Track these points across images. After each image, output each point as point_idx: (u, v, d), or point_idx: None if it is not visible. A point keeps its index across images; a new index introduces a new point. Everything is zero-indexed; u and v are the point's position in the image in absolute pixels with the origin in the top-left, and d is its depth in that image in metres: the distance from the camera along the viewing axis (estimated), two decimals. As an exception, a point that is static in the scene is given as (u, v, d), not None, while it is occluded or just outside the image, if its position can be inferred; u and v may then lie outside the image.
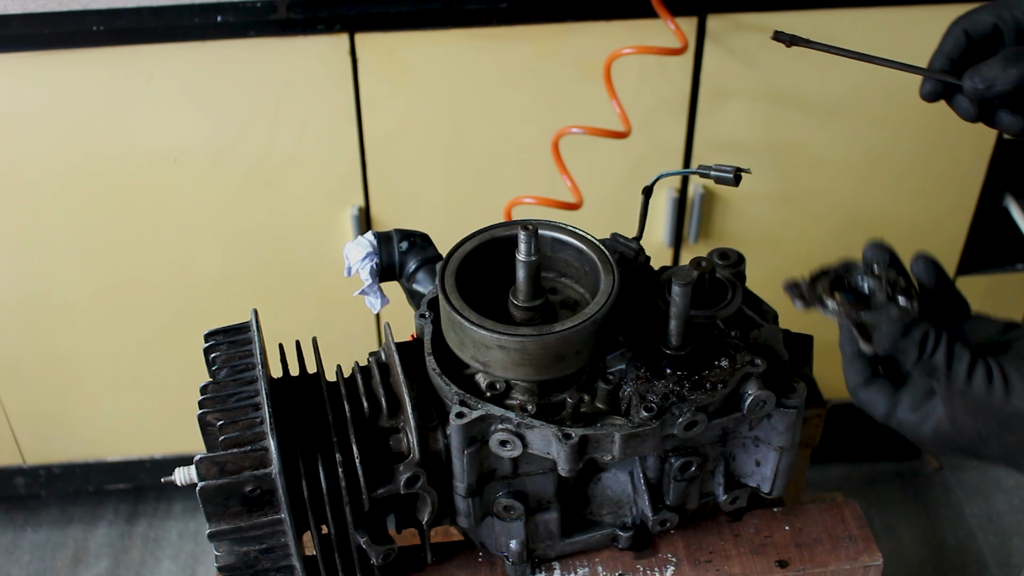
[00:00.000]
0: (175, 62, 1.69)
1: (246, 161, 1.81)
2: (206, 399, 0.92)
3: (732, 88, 1.81)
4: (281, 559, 0.91)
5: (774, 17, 1.72)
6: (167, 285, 1.96)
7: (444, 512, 0.98)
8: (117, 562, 2.28)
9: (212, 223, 1.88)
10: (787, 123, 1.86)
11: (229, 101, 1.74)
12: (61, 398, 2.12)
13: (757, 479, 1.03)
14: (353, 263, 1.09)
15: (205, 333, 1.00)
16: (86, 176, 1.80)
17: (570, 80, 1.76)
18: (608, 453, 0.91)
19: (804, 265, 1.21)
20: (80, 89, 1.71)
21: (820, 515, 1.07)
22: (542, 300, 0.92)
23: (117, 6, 1.62)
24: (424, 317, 0.98)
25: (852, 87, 1.82)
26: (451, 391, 0.91)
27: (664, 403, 0.91)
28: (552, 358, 0.88)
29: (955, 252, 2.08)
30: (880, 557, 1.04)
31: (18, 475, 2.25)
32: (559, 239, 0.97)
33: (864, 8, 1.74)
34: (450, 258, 0.94)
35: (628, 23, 1.70)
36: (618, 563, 1.03)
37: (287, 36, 1.67)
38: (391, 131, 1.80)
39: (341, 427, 0.92)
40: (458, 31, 1.70)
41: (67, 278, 1.94)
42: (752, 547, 1.04)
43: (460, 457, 0.92)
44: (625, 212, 1.89)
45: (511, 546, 0.99)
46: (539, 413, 0.90)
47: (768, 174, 1.90)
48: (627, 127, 1.65)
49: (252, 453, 0.87)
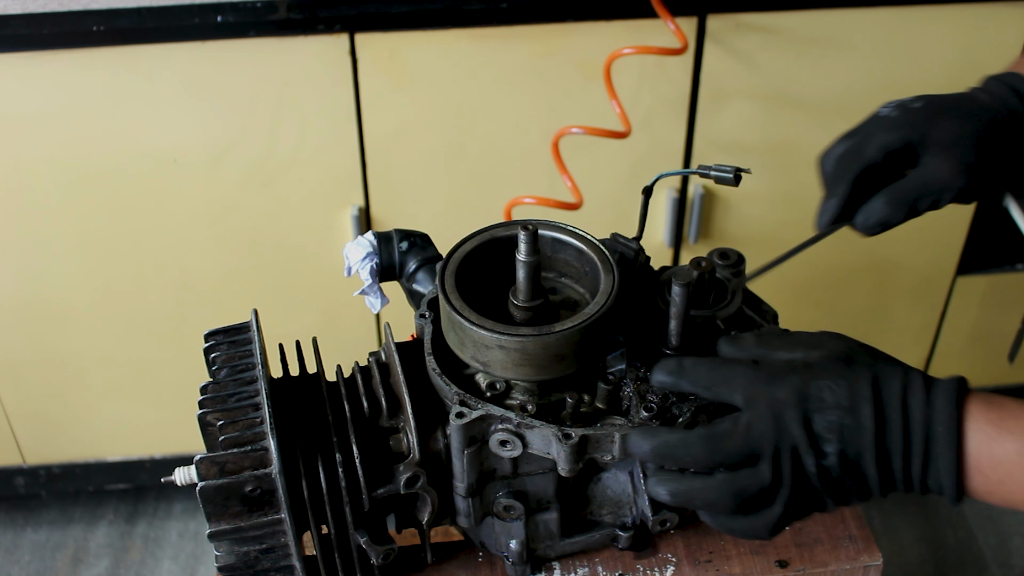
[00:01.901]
0: (175, 62, 1.69)
1: (246, 161, 1.81)
2: (206, 399, 0.92)
3: (732, 88, 1.81)
4: (281, 559, 0.91)
5: (774, 17, 1.73)
6: (167, 285, 1.96)
7: (444, 512, 0.98)
8: (117, 562, 2.28)
9: (212, 223, 1.88)
10: (787, 123, 1.86)
11: (229, 101, 1.74)
12: (61, 398, 2.12)
13: (757, 479, 1.03)
14: (353, 263, 1.09)
15: (205, 333, 1.00)
16: (86, 176, 1.80)
17: (570, 80, 1.76)
18: (608, 453, 0.91)
19: (804, 265, 1.21)
20: (80, 89, 1.71)
21: (820, 515, 1.07)
22: (542, 300, 0.92)
23: (117, 6, 1.62)
24: (424, 317, 0.98)
25: (852, 87, 1.82)
26: (451, 391, 0.91)
27: (664, 403, 0.91)
28: (552, 358, 0.88)
29: (955, 252, 2.08)
30: (880, 557, 1.04)
31: (18, 475, 2.25)
32: (559, 239, 0.96)
33: (864, 8, 1.74)
34: (450, 258, 0.94)
35: (628, 23, 1.70)
36: (618, 563, 1.03)
37: (287, 36, 1.67)
38: (391, 131, 1.80)
39: (341, 427, 0.92)
40: (458, 31, 1.70)
41: (67, 278, 1.94)
42: (752, 547, 1.04)
43: (460, 457, 0.92)
44: (625, 212, 1.89)
45: (511, 546, 0.99)
46: (539, 413, 0.90)
47: (768, 174, 1.90)
48: (627, 127, 1.65)
49: (252, 453, 0.87)
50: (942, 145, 0.90)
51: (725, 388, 0.80)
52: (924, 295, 2.17)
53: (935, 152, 0.90)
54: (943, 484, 0.76)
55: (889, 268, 2.10)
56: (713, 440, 0.78)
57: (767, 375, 0.79)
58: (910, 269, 2.10)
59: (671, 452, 0.80)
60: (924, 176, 0.90)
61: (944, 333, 2.25)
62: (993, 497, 0.76)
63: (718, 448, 0.78)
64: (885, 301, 2.17)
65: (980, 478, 0.75)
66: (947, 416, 0.75)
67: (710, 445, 0.78)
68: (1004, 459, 0.74)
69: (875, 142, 0.92)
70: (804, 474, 0.77)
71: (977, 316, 2.23)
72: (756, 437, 0.77)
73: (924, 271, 2.12)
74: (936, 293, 2.17)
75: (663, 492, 0.81)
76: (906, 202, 0.89)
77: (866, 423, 0.75)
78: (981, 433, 0.75)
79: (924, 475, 0.76)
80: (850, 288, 2.13)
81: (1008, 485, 0.74)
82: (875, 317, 2.20)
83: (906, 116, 0.92)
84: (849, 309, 2.18)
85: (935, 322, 2.23)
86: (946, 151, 0.89)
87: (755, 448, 0.77)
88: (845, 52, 1.78)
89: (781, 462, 0.76)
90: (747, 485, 0.77)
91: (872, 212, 0.90)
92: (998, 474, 0.74)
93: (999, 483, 0.75)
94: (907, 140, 0.91)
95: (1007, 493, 0.75)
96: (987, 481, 0.75)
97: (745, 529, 0.80)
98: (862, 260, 2.05)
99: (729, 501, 0.78)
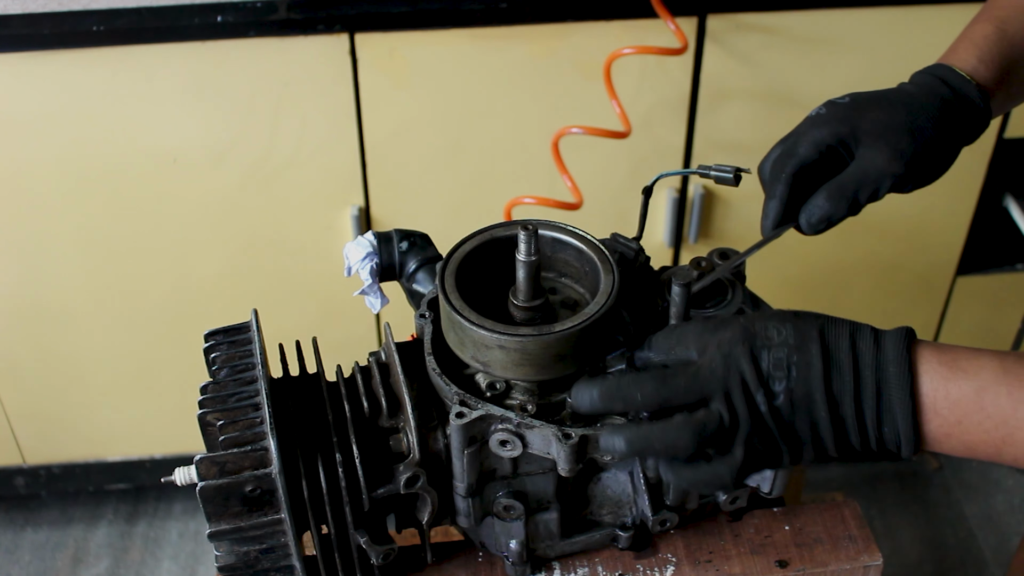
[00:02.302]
0: (175, 62, 1.69)
1: (246, 161, 1.81)
2: (206, 399, 0.92)
3: (732, 88, 1.81)
4: (281, 559, 0.91)
5: (774, 17, 1.73)
6: (167, 285, 1.96)
7: (444, 512, 0.98)
8: (117, 562, 2.29)
9: (212, 223, 1.88)
10: (787, 123, 1.84)
11: (229, 101, 1.74)
12: (61, 398, 2.12)
13: (757, 479, 1.03)
14: (353, 263, 1.09)
15: (205, 333, 1.00)
16: (86, 176, 1.80)
17: (570, 80, 1.76)
18: (608, 453, 0.91)
19: (803, 265, 1.21)
20: (80, 89, 1.71)
21: (820, 515, 1.07)
22: (542, 300, 0.92)
23: (117, 6, 1.62)
24: (424, 317, 0.98)
25: (852, 87, 1.81)
26: (451, 391, 0.91)
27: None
28: (552, 358, 0.88)
29: (955, 252, 2.08)
30: (880, 557, 1.04)
31: (18, 475, 2.25)
32: (559, 239, 0.96)
33: (864, 8, 1.74)
34: (450, 258, 0.94)
35: (628, 23, 1.71)
36: (618, 563, 1.03)
37: (287, 36, 1.67)
38: (391, 131, 1.80)
39: (341, 427, 0.92)
40: (458, 31, 1.70)
41: (67, 278, 1.94)
42: (752, 547, 1.04)
43: (460, 457, 0.92)
44: (625, 212, 1.89)
45: (511, 546, 0.99)
46: (539, 413, 0.90)
47: (768, 174, 1.90)
48: (627, 127, 1.65)
49: (252, 453, 0.87)
50: (874, 135, 0.91)
51: (681, 347, 0.81)
52: (924, 295, 2.17)
53: (868, 143, 0.92)
54: (899, 431, 0.75)
55: (889, 268, 2.10)
56: (663, 377, 0.78)
57: (716, 324, 0.80)
58: (910, 269, 2.10)
59: (621, 392, 0.79)
60: (860, 167, 0.91)
61: (944, 333, 2.25)
62: (951, 441, 0.75)
63: (668, 383, 0.78)
64: (885, 301, 2.17)
65: (938, 420, 0.74)
66: (898, 357, 0.74)
67: (660, 381, 0.78)
68: (961, 398, 0.74)
69: (806, 140, 0.94)
70: (759, 412, 0.76)
71: (977, 316, 2.23)
72: (706, 375, 0.77)
73: (924, 271, 2.12)
74: (936, 293, 2.17)
75: (619, 441, 0.79)
76: (845, 195, 0.90)
77: (814, 361, 0.75)
78: (935, 374, 0.74)
79: (879, 425, 0.75)
80: (850, 288, 2.13)
81: (966, 425, 0.74)
82: (875, 317, 2.20)
83: (834, 111, 0.94)
84: (849, 309, 2.18)
85: (935, 322, 2.23)
86: (879, 141, 0.91)
87: (706, 388, 0.77)
88: (845, 52, 1.78)
89: (733, 399, 0.76)
90: (706, 422, 0.76)
91: (814, 209, 0.91)
92: (956, 414, 0.74)
93: (956, 423, 0.74)
94: (837, 134, 0.93)
95: (964, 434, 0.74)
96: (945, 423, 0.74)
97: (710, 478, 0.79)
98: (862, 260, 2.05)
99: (689, 440, 0.76)
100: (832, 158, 0.93)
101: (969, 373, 0.74)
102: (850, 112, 0.94)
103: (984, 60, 0.97)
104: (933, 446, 0.77)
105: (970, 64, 0.97)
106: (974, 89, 0.95)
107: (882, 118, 0.92)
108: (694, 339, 0.81)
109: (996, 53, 0.98)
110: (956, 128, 0.94)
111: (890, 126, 0.92)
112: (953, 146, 0.95)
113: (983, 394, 0.73)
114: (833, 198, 0.90)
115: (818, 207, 0.91)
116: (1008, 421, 0.73)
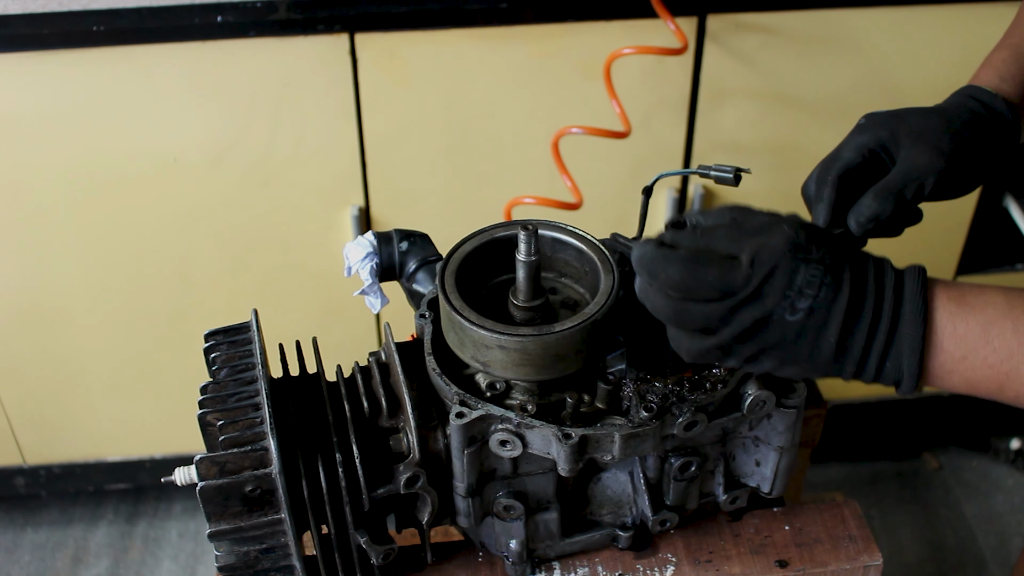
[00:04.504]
0: (175, 62, 1.69)
1: (246, 161, 1.81)
2: (206, 399, 0.92)
3: (732, 88, 1.81)
4: (281, 559, 0.91)
5: (774, 17, 1.73)
6: (167, 285, 1.96)
7: (444, 512, 0.98)
8: (117, 562, 2.29)
9: (212, 223, 1.88)
10: (787, 123, 1.86)
11: (229, 101, 1.74)
12: (61, 398, 2.12)
13: (757, 479, 1.03)
14: (353, 263, 1.09)
15: (205, 333, 1.00)
16: (86, 176, 1.80)
17: (570, 80, 1.76)
18: (608, 453, 0.91)
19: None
20: (80, 89, 1.71)
21: (820, 515, 1.07)
22: (542, 300, 0.92)
23: (117, 6, 1.62)
24: (424, 317, 0.98)
25: (852, 87, 1.82)
26: (451, 391, 0.91)
27: (664, 403, 0.91)
28: (552, 358, 0.88)
29: (955, 252, 2.08)
30: (880, 557, 1.04)
31: (18, 475, 2.25)
32: (559, 239, 0.97)
33: (864, 8, 1.74)
34: (450, 258, 0.94)
35: (628, 23, 1.70)
36: (618, 563, 1.03)
37: (287, 36, 1.67)
38: (391, 131, 1.80)
39: (341, 427, 0.92)
40: (458, 31, 1.70)
41: (67, 278, 1.94)
42: (752, 547, 1.04)
43: (460, 457, 0.92)
44: (625, 212, 1.89)
45: (511, 546, 0.99)
46: (539, 413, 0.90)
47: (768, 174, 1.90)
48: (627, 127, 1.65)
49: (252, 453, 0.87)
50: (914, 137, 0.95)
51: (725, 240, 0.77)
52: (924, 295, 2.16)
53: (909, 144, 0.94)
54: (903, 367, 0.76)
55: (889, 268, 2.09)
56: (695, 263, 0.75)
57: (761, 225, 0.78)
58: (910, 269, 2.10)
59: (653, 265, 0.76)
60: (904, 166, 0.94)
61: (944, 333, 2.25)
62: (953, 377, 0.76)
63: (699, 273, 0.75)
64: (885, 301, 2.17)
65: (943, 356, 0.76)
66: (914, 296, 0.76)
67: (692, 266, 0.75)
68: (967, 334, 0.75)
69: (849, 146, 0.97)
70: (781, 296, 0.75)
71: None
72: (744, 277, 0.75)
73: (924, 271, 2.11)
74: (936, 293, 2.16)
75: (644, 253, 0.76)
76: (892, 193, 0.92)
77: (844, 288, 0.75)
78: (945, 311, 0.76)
79: (883, 359, 0.76)
80: (850, 288, 2.13)
81: (970, 360, 0.75)
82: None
83: (873, 120, 0.98)
84: (849, 309, 2.18)
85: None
86: (919, 142, 0.94)
87: (739, 286, 0.75)
88: (845, 52, 1.78)
89: (760, 280, 0.75)
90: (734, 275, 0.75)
91: (863, 209, 0.93)
92: (961, 350, 0.75)
93: (961, 359, 0.76)
94: (879, 138, 0.96)
95: (968, 370, 0.76)
96: (950, 359, 0.76)
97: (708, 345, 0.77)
98: (862, 260, 2.05)
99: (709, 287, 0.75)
100: (875, 164, 0.96)
101: (976, 308, 0.75)
102: (889, 119, 0.97)
103: (1005, 80, 1.02)
104: (934, 383, 0.78)
105: (993, 84, 1.02)
106: (1002, 102, 1.00)
107: (921, 122, 0.96)
108: (726, 240, 0.77)
109: (1016, 72, 1.03)
110: (989, 136, 0.98)
111: (929, 128, 0.95)
112: (988, 154, 0.98)
113: (990, 329, 0.75)
114: (880, 196, 0.92)
115: (867, 206, 0.92)
116: (1013, 355, 0.74)
